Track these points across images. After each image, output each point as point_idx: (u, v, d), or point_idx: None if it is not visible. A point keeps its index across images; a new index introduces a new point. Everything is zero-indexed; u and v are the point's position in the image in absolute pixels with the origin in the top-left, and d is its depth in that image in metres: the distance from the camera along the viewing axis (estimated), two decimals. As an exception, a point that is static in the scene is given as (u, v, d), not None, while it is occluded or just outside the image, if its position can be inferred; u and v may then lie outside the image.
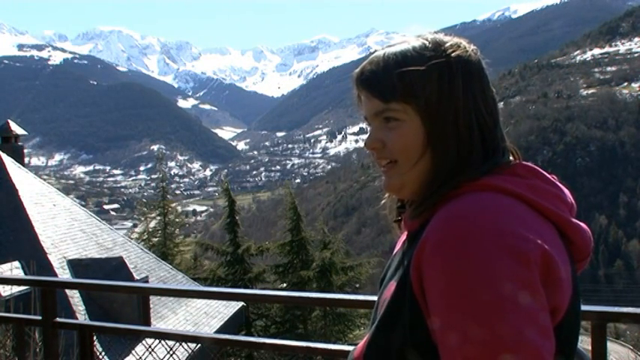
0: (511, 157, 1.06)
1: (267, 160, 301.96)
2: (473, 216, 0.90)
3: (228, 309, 14.43)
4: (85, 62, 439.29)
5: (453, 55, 1.01)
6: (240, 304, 14.82)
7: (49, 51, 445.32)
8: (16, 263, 10.54)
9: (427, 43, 1.03)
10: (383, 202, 1.17)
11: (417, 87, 0.99)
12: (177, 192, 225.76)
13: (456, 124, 0.99)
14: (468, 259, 0.86)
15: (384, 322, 0.98)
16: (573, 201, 1.05)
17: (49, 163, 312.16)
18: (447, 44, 1.03)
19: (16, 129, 15.37)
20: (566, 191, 1.05)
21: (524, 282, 0.85)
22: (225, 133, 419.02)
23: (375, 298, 2.23)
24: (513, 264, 0.85)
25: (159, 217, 23.41)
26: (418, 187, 1.03)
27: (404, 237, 1.10)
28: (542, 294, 0.87)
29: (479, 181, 0.97)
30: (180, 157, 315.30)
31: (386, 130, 1.03)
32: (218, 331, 12.78)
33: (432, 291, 0.89)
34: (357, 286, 18.07)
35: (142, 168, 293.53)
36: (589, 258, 1.06)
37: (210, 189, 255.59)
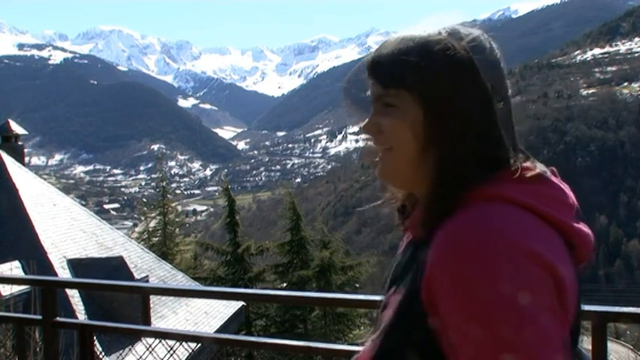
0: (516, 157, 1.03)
1: (267, 159, 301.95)
2: (475, 230, 0.90)
3: (228, 309, 14.42)
4: (86, 62, 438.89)
5: (463, 46, 0.98)
6: (241, 303, 14.81)
7: (49, 50, 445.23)
8: (16, 263, 10.54)
9: (441, 31, 1.01)
10: (381, 201, 1.16)
11: (415, 75, 0.97)
12: (178, 191, 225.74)
13: (462, 123, 0.96)
14: (473, 271, 0.87)
15: (391, 328, 0.99)
16: (574, 199, 1.04)
17: (50, 163, 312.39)
18: (460, 35, 1.00)
19: (17, 128, 15.37)
20: (569, 191, 1.04)
21: (526, 285, 0.86)
22: (226, 132, 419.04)
23: (374, 297, 2.27)
24: (515, 272, 0.86)
25: (159, 217, 23.44)
26: (410, 182, 1.04)
27: (408, 238, 1.10)
28: (547, 298, 0.88)
29: (484, 190, 0.95)
30: (181, 157, 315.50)
31: (383, 115, 1.02)
32: (218, 331, 12.78)
33: (443, 299, 0.90)
34: (357, 285, 18.10)
35: (142, 168, 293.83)
36: (589, 260, 1.06)
37: (210, 188, 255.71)
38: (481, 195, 0.95)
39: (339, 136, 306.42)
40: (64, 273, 11.05)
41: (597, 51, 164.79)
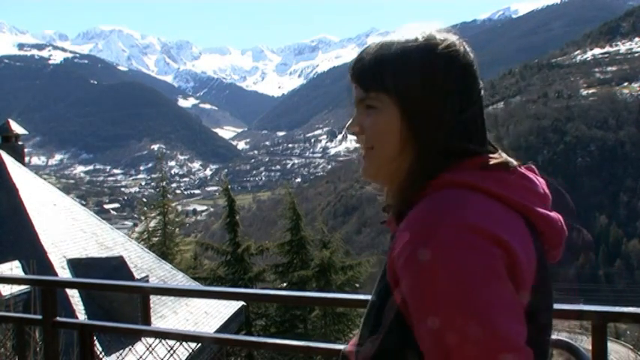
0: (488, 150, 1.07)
1: (267, 159, 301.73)
2: (428, 219, 0.92)
3: (228, 309, 14.41)
4: (86, 61, 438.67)
5: (438, 51, 1.03)
6: (241, 303, 14.80)
7: (49, 50, 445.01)
8: (16, 262, 10.53)
9: (418, 37, 1.05)
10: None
11: (393, 79, 1.03)
12: (178, 191, 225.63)
13: (436, 124, 1.01)
14: (428, 259, 0.88)
15: (369, 321, 1.03)
16: (547, 191, 1.07)
17: (50, 163, 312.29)
18: (436, 40, 1.05)
19: (17, 128, 15.35)
20: (540, 181, 1.07)
21: (477, 263, 0.88)
22: (226, 132, 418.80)
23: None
24: (481, 259, 0.88)
25: (159, 217, 23.42)
26: (392, 178, 1.08)
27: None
28: (503, 273, 0.90)
29: (445, 178, 0.99)
30: (181, 157, 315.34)
31: (365, 116, 1.08)
32: (218, 331, 12.78)
33: (407, 293, 0.92)
34: (357, 285, 18.09)
35: (142, 167, 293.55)
36: (562, 246, 1.07)
37: (210, 188, 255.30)
38: (439, 183, 0.99)
39: (339, 136, 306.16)
40: (64, 273, 11.04)
41: (597, 51, 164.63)
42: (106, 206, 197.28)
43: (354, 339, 1.09)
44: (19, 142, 15.41)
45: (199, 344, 2.75)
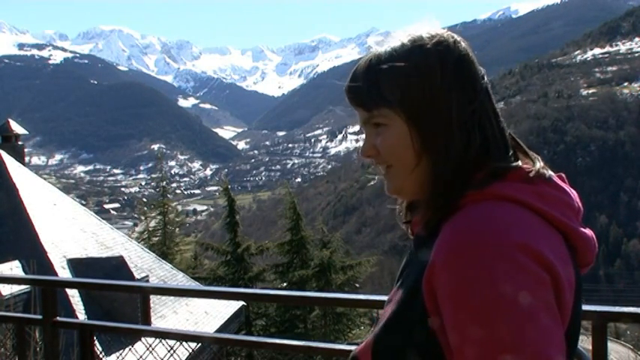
0: (515, 155, 1.04)
1: (267, 159, 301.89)
2: (478, 228, 0.90)
3: (228, 309, 14.42)
4: (86, 61, 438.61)
5: (427, 49, 1.00)
6: (241, 303, 14.81)
7: (49, 50, 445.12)
8: (16, 262, 10.53)
9: (405, 41, 1.03)
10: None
11: (390, 90, 1.00)
12: (178, 191, 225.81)
13: (446, 124, 0.98)
14: (474, 270, 0.86)
15: (392, 325, 1.00)
16: (580, 204, 1.04)
17: (50, 163, 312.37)
18: (423, 39, 1.02)
19: (17, 128, 15.35)
20: (574, 194, 1.03)
21: (525, 285, 0.85)
22: (226, 132, 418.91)
23: (374, 297, 2.29)
24: (517, 271, 0.86)
25: (159, 217, 23.44)
26: (418, 189, 1.04)
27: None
28: (546, 297, 0.88)
29: (484, 189, 0.96)
30: (181, 157, 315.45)
31: (375, 136, 1.05)
32: (218, 331, 12.78)
33: (443, 298, 0.90)
34: (357, 285, 18.11)
35: (142, 167, 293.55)
36: (592, 264, 1.05)
37: (210, 188, 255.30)
38: (483, 194, 0.95)
39: (339, 136, 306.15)
40: (64, 273, 11.04)
41: (597, 51, 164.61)
42: (106, 206, 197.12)
43: (366, 341, 1.06)
44: (19, 142, 15.41)
45: (199, 344, 2.75)
